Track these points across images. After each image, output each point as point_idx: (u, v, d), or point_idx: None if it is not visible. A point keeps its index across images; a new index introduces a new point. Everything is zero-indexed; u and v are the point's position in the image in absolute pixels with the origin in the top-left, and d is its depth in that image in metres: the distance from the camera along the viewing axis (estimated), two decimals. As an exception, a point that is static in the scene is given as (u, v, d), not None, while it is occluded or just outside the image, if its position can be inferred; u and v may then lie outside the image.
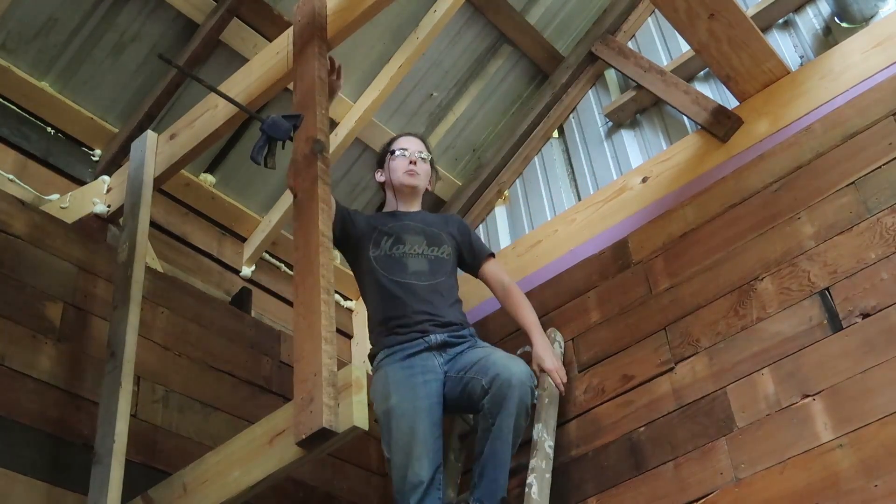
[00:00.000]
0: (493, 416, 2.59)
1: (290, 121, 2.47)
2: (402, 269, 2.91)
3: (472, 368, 2.72)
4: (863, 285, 2.53)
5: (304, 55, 2.67)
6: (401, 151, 3.16)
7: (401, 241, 2.97)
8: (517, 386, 2.59)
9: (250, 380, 3.14)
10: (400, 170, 3.12)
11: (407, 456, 2.58)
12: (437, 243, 3.03)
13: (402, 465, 2.58)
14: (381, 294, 2.89)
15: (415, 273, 2.92)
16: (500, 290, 3.11)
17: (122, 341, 2.52)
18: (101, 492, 2.26)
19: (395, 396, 2.69)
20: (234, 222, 3.64)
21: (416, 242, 2.99)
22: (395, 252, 2.94)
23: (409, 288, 2.88)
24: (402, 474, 2.56)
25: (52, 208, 3.01)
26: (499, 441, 2.58)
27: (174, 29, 3.29)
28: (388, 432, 2.65)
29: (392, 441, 2.63)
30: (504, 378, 2.60)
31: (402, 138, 3.24)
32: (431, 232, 3.05)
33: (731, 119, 3.12)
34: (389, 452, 2.64)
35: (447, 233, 3.09)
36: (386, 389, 2.72)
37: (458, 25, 3.74)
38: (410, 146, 3.18)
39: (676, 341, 2.83)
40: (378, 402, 2.71)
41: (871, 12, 3.05)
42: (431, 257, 2.98)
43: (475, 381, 2.66)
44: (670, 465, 2.65)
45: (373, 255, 2.94)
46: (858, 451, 2.33)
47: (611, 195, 3.38)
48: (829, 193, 2.72)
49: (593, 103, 3.86)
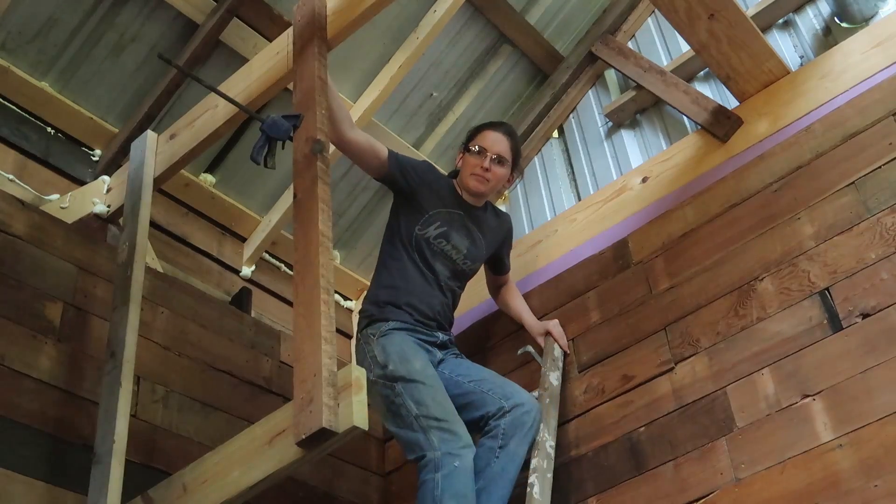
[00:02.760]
0: (508, 438, 2.65)
1: (290, 121, 2.47)
2: (436, 262, 2.91)
3: (481, 382, 2.77)
4: (863, 285, 2.53)
5: (304, 55, 2.67)
6: (478, 149, 2.98)
7: (447, 238, 2.93)
8: (538, 420, 2.73)
9: (250, 380, 3.14)
10: (470, 170, 2.97)
11: (453, 414, 2.58)
12: (476, 258, 3.03)
13: (448, 420, 2.55)
14: (409, 275, 2.86)
15: (445, 271, 2.93)
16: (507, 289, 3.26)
17: (122, 341, 2.52)
18: (101, 492, 2.26)
19: (417, 362, 2.66)
20: (234, 222, 3.64)
21: (460, 246, 2.96)
22: (436, 244, 2.92)
23: (435, 283, 2.90)
24: (452, 428, 2.53)
25: (52, 208, 3.01)
26: (512, 463, 2.63)
27: (174, 29, 3.29)
28: (417, 390, 2.59)
29: (425, 398, 2.57)
30: (528, 409, 2.71)
31: (486, 131, 3.02)
32: (479, 242, 3.02)
33: (731, 119, 3.12)
34: (419, 407, 2.55)
35: (496, 241, 3.11)
36: (403, 353, 2.67)
37: (458, 25, 3.74)
38: (490, 145, 2.98)
39: (676, 341, 2.83)
40: (395, 363, 2.64)
41: (871, 12, 3.05)
42: (463, 268, 2.99)
43: (491, 399, 2.71)
44: (670, 465, 2.65)
45: (418, 233, 2.90)
46: (858, 451, 2.32)
47: (611, 195, 3.38)
48: (829, 193, 2.72)
49: (593, 103, 3.86)
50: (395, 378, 2.62)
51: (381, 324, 2.77)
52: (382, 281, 2.90)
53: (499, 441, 2.64)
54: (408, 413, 2.56)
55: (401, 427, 2.59)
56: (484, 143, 2.99)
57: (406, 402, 2.58)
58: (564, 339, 3.06)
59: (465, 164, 3.00)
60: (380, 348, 2.70)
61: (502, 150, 2.99)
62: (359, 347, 2.80)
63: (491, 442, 2.65)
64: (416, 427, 2.55)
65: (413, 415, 2.56)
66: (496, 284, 3.27)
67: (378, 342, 2.72)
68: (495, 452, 2.62)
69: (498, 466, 2.60)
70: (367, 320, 2.81)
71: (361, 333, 2.80)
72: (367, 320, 2.81)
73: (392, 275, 2.88)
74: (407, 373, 2.62)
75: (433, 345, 2.82)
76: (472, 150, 2.99)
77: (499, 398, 2.71)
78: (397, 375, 2.62)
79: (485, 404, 2.71)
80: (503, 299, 3.25)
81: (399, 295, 2.83)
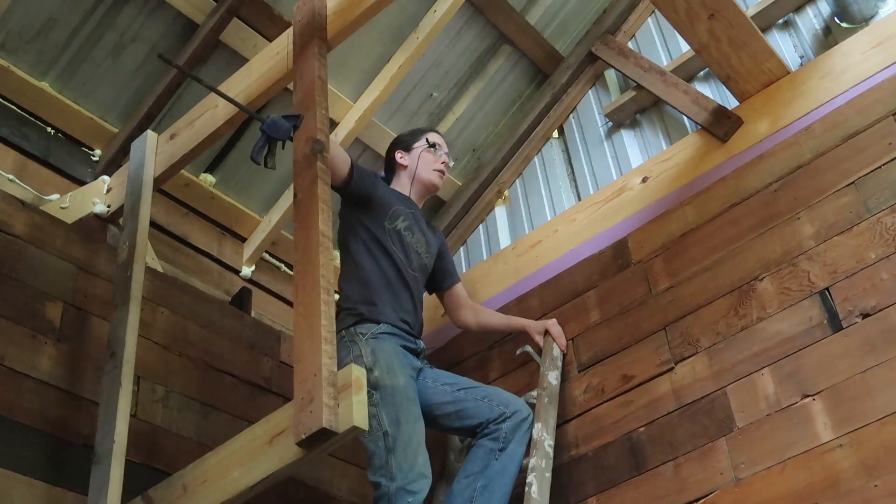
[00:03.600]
0: (508, 441, 2.71)
1: (290, 121, 2.47)
2: (410, 253, 2.91)
3: (474, 391, 2.80)
4: (863, 285, 2.53)
5: (304, 55, 2.67)
6: (439, 148, 3.14)
7: (412, 231, 2.95)
8: (531, 422, 2.80)
9: (250, 380, 3.14)
10: (432, 166, 3.10)
11: (418, 444, 2.54)
12: (431, 255, 3.05)
13: (411, 449, 2.52)
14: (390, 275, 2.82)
15: (416, 264, 2.93)
16: (469, 308, 3.18)
17: (122, 341, 2.52)
18: (101, 492, 2.26)
19: (402, 378, 2.64)
20: (234, 222, 3.64)
21: (421, 240, 2.99)
22: (406, 236, 2.92)
23: (415, 284, 2.90)
24: (412, 459, 2.50)
25: (52, 208, 3.01)
26: (512, 463, 2.69)
27: (174, 29, 3.29)
28: (395, 407, 2.56)
29: (400, 418, 2.54)
30: (525, 414, 2.79)
31: (436, 134, 3.19)
32: (429, 238, 3.05)
33: (731, 119, 3.12)
34: (390, 426, 2.52)
35: (436, 243, 3.11)
36: (391, 364, 2.64)
37: (458, 25, 3.74)
38: (441, 141, 3.17)
39: (676, 341, 2.83)
40: (382, 371, 2.60)
41: (871, 12, 3.05)
42: (426, 262, 3.00)
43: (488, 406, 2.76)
44: (670, 465, 2.65)
45: (388, 226, 2.89)
46: (858, 451, 2.32)
47: (611, 195, 3.38)
48: (829, 193, 2.72)
49: (593, 103, 3.86)
50: (377, 386, 2.57)
51: (371, 325, 2.71)
52: (364, 278, 2.81)
53: (500, 444, 2.70)
54: (378, 425, 2.52)
55: (367, 439, 2.52)
56: (435, 139, 3.15)
57: (380, 413, 2.53)
58: (563, 338, 3.06)
59: (422, 162, 3.09)
60: (368, 350, 2.65)
61: (447, 149, 3.19)
62: (341, 344, 2.64)
63: (492, 444, 2.70)
64: (381, 443, 2.51)
65: (383, 430, 2.52)
66: (457, 304, 3.17)
67: (367, 343, 2.67)
68: (495, 454, 2.68)
69: (499, 466, 2.66)
70: (356, 318, 2.72)
71: (348, 331, 2.70)
72: (356, 318, 2.72)
73: (370, 273, 2.81)
74: (391, 385, 2.59)
75: (414, 353, 2.79)
76: (431, 147, 3.12)
77: (497, 405, 2.77)
78: (380, 384, 2.57)
79: (480, 412, 2.74)
80: (476, 319, 3.15)
81: (384, 296, 2.78)
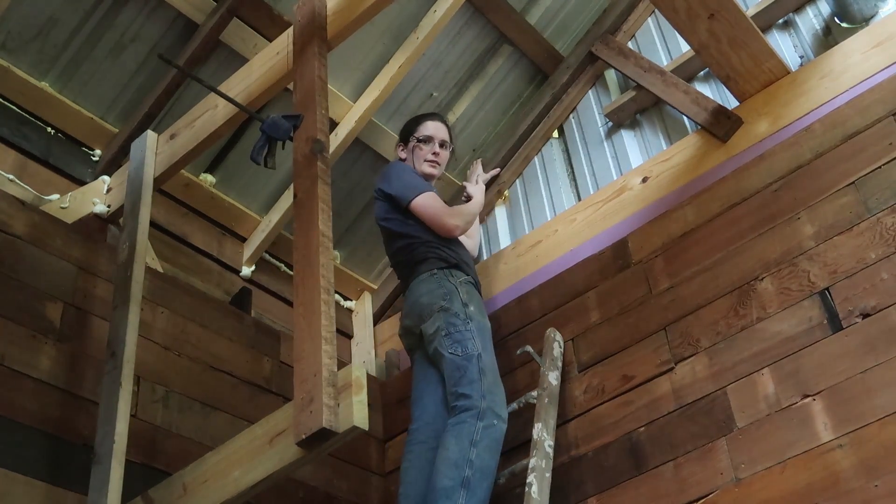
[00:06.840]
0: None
1: (290, 121, 2.47)
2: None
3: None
4: (863, 285, 2.53)
5: (304, 55, 2.67)
6: (426, 137, 3.30)
7: None
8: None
9: (250, 380, 3.14)
10: (422, 158, 3.28)
11: (500, 381, 2.80)
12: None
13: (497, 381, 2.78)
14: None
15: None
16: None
17: (122, 341, 2.52)
18: (101, 492, 2.26)
19: (488, 323, 2.94)
20: (234, 222, 3.64)
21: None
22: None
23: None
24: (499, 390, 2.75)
25: (52, 208, 3.01)
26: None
27: (174, 29, 3.29)
28: (483, 342, 2.82)
29: (488, 351, 2.81)
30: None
31: (429, 123, 3.35)
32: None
33: (731, 119, 3.12)
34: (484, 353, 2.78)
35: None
36: (481, 308, 2.95)
37: (458, 25, 3.74)
38: (434, 132, 3.32)
39: (676, 341, 2.83)
40: (476, 309, 2.89)
41: (871, 12, 3.05)
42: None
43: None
44: (670, 465, 2.65)
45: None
46: (858, 451, 2.33)
47: (611, 195, 3.38)
48: (829, 193, 2.72)
49: (593, 103, 3.86)
50: (471, 318, 2.84)
51: (459, 273, 2.99)
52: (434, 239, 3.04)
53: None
54: (473, 348, 2.78)
55: (459, 355, 2.77)
56: (429, 132, 3.32)
57: (476, 339, 2.80)
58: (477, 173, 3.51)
59: (416, 155, 3.30)
60: (464, 290, 2.92)
61: (444, 136, 3.35)
62: (432, 279, 2.94)
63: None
64: (474, 364, 2.74)
65: (477, 353, 2.77)
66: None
67: (462, 286, 2.94)
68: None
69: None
70: (444, 262, 2.99)
71: (441, 270, 2.96)
72: (444, 262, 2.99)
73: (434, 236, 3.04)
74: (482, 323, 2.88)
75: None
76: (422, 140, 3.30)
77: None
78: (474, 318, 2.85)
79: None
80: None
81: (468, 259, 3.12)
